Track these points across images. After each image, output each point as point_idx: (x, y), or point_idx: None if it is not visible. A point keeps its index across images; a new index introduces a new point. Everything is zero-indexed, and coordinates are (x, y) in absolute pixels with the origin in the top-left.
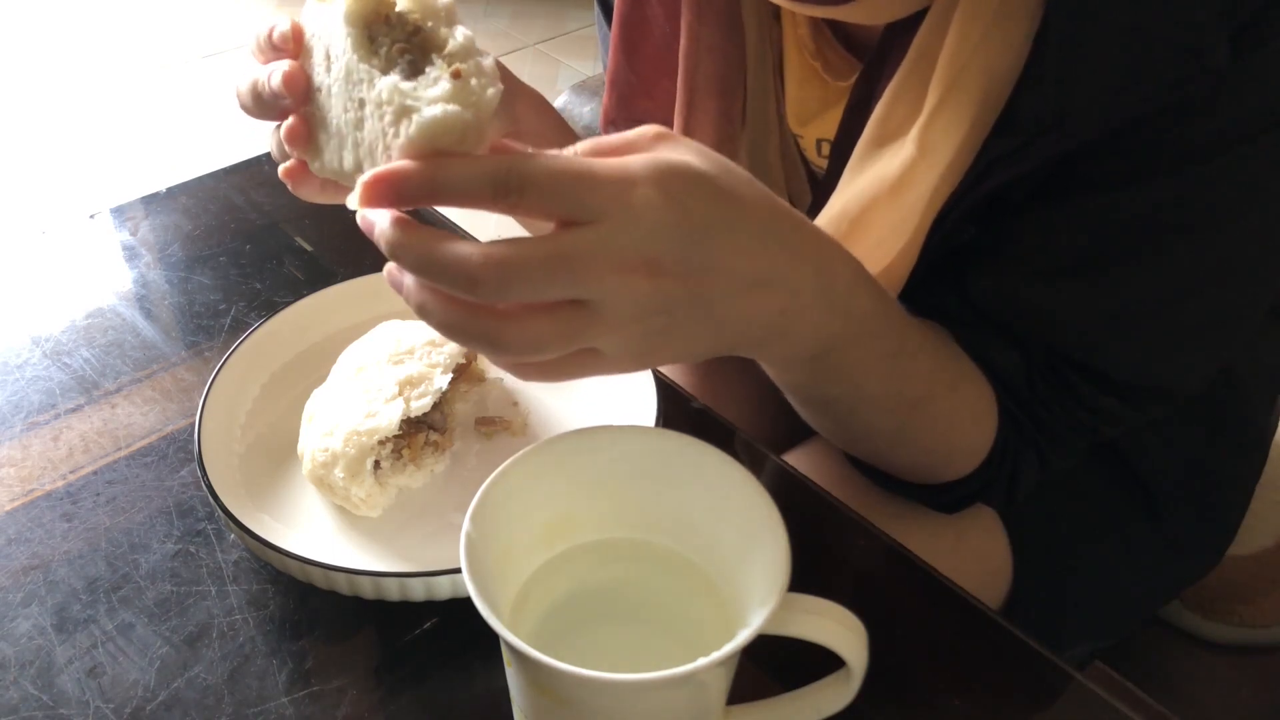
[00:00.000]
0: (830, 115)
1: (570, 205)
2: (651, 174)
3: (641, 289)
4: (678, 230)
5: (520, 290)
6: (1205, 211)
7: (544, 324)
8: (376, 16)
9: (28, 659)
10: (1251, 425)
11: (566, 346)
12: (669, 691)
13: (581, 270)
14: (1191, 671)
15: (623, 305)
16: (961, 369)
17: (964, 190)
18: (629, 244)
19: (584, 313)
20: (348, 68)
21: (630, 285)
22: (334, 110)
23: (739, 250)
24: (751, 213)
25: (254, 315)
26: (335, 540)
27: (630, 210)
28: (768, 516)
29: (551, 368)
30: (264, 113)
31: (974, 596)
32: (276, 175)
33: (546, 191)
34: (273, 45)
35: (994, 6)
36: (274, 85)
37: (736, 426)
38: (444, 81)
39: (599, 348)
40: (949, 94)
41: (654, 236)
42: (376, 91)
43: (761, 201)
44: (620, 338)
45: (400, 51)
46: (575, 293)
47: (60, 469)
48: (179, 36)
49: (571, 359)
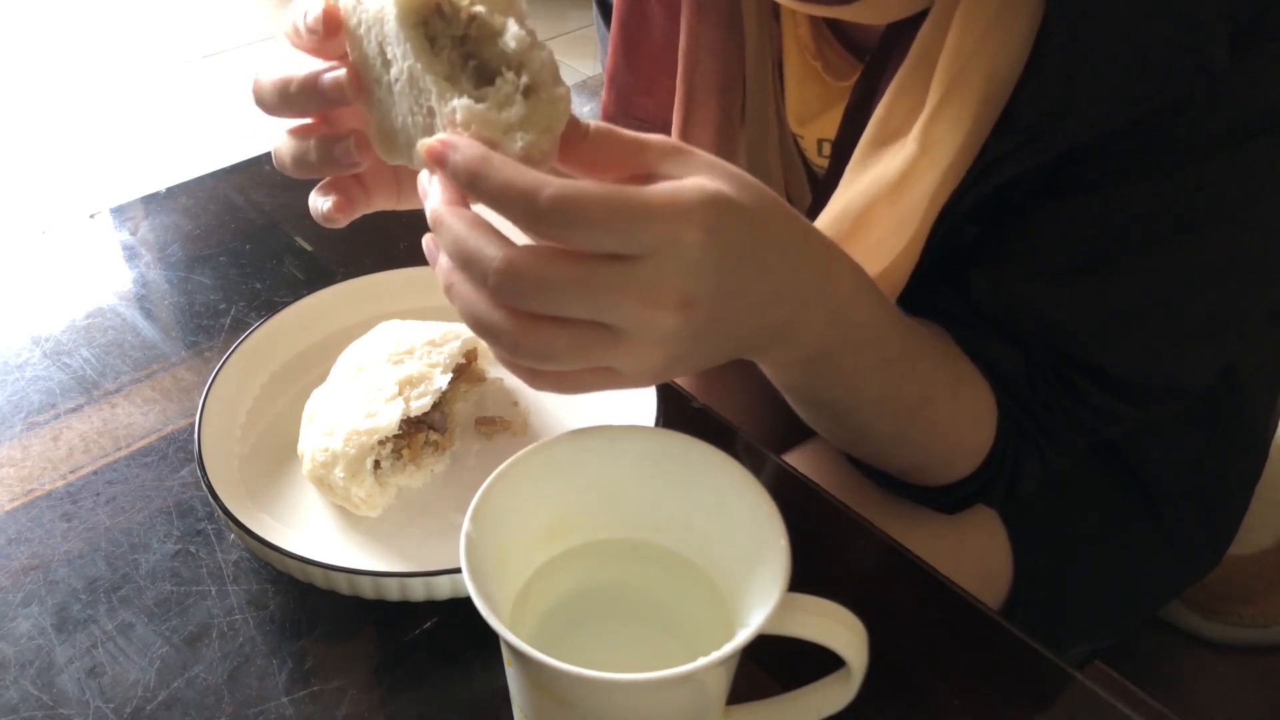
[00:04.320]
0: (831, 115)
1: (619, 241)
2: (699, 208)
3: (670, 322)
4: (715, 266)
5: (540, 303)
6: (1206, 211)
7: (561, 337)
8: (428, 7)
9: (28, 659)
10: (1251, 425)
11: (581, 363)
12: (669, 691)
13: (612, 302)
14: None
15: (648, 335)
16: (961, 372)
17: (965, 189)
18: (666, 281)
19: (605, 335)
20: (411, 74)
21: (659, 318)
22: (399, 109)
23: (762, 271)
24: (774, 234)
25: (254, 315)
26: (335, 540)
27: (677, 248)
28: (768, 516)
29: (565, 380)
30: (292, 108)
31: (974, 596)
32: (276, 175)
33: (597, 224)
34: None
35: (995, 6)
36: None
37: (736, 426)
38: (519, 104)
39: (616, 367)
40: (950, 93)
41: (693, 273)
42: (450, 109)
43: (780, 218)
44: (639, 362)
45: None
46: (600, 318)
47: (60, 469)
48: (179, 36)
49: (586, 374)
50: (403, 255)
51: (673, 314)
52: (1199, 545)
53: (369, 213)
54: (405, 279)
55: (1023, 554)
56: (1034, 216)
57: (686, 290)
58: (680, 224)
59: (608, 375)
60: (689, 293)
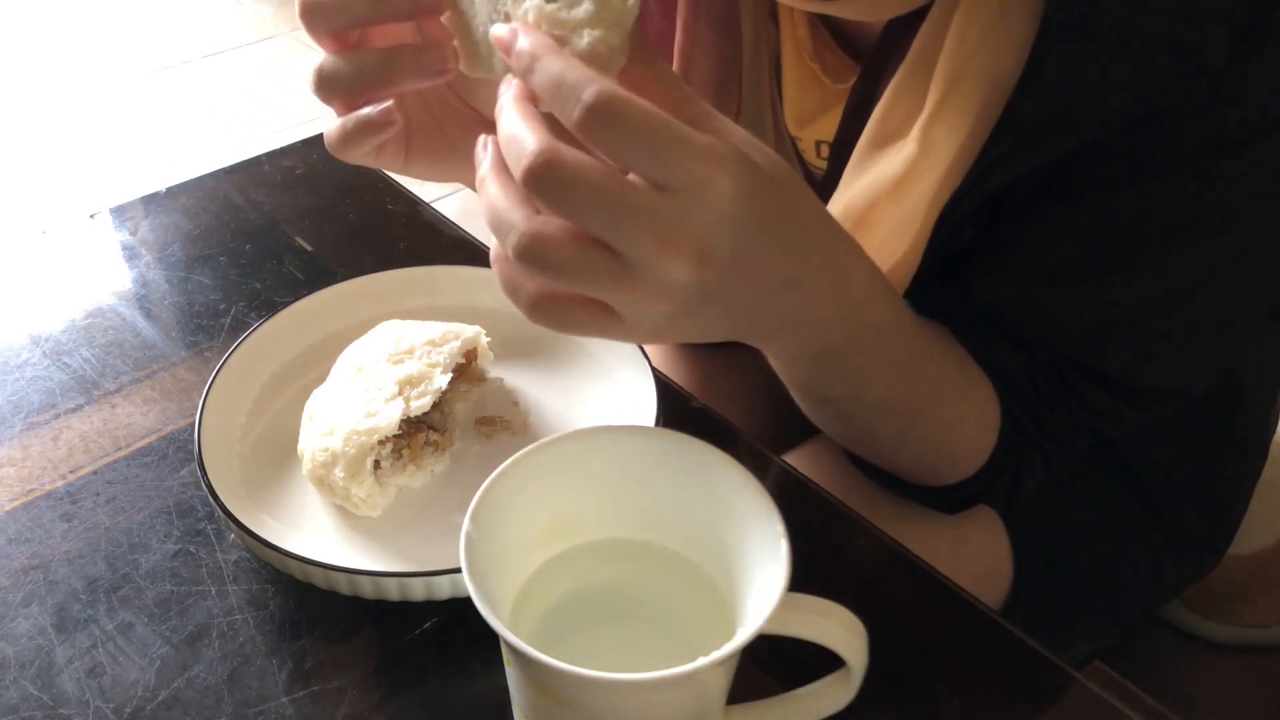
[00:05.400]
0: (829, 117)
1: (652, 162)
2: (736, 162)
3: (681, 271)
4: (738, 226)
5: (563, 200)
6: (1207, 212)
7: (571, 248)
8: None
9: (28, 659)
10: (1252, 425)
11: (583, 284)
12: (669, 691)
13: (631, 228)
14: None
15: (657, 278)
16: (968, 375)
17: (966, 190)
18: (690, 225)
19: (615, 264)
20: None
21: (672, 264)
22: (480, 18)
23: (782, 251)
24: (799, 218)
25: (254, 315)
26: (335, 540)
27: (706, 193)
28: (768, 516)
29: (562, 312)
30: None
31: (974, 596)
32: (276, 175)
33: (637, 136)
34: None
35: (995, 6)
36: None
37: (736, 426)
38: (587, 3)
39: (617, 309)
40: (950, 93)
41: (716, 227)
42: (523, 10)
43: (807, 205)
44: (643, 308)
45: None
46: (614, 242)
47: (60, 469)
48: (179, 37)
49: (585, 310)
50: (403, 255)
51: (686, 264)
52: (1199, 545)
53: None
54: (405, 279)
55: (1023, 554)
56: (1033, 219)
57: (705, 242)
58: (715, 170)
59: (606, 318)
60: (707, 246)
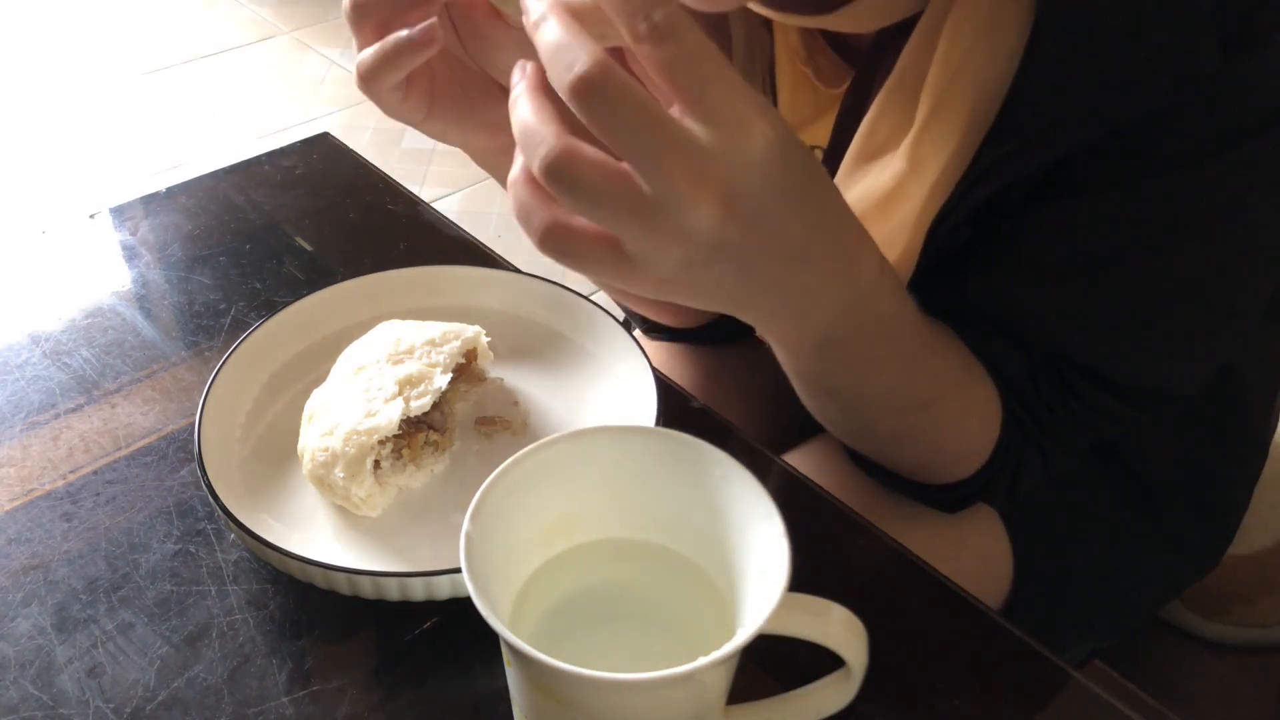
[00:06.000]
0: (823, 123)
1: (697, 93)
2: (775, 115)
3: (704, 215)
4: (767, 178)
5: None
6: (1201, 213)
7: (596, 170)
8: None
9: (28, 659)
10: (1251, 425)
11: (603, 210)
12: (669, 691)
13: (668, 157)
14: (1191, 671)
15: (680, 218)
16: (972, 372)
17: (958, 198)
18: (724, 166)
19: (640, 197)
20: None
21: (698, 204)
22: None
23: (800, 219)
24: (818, 188)
25: (254, 315)
26: (335, 540)
27: (745, 132)
28: (768, 516)
29: (572, 243)
30: None
31: (974, 596)
32: (276, 175)
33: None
34: None
35: (984, 16)
36: None
37: (736, 426)
38: None
39: (629, 248)
40: (939, 107)
41: (748, 172)
42: None
43: (825, 180)
44: (655, 250)
45: None
46: (646, 171)
47: (60, 469)
48: (179, 37)
49: (596, 245)
50: (403, 255)
51: (710, 207)
52: (1199, 545)
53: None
54: (405, 279)
55: (1023, 554)
56: (1027, 220)
57: (734, 187)
58: (756, 117)
59: (616, 257)
60: (735, 191)
